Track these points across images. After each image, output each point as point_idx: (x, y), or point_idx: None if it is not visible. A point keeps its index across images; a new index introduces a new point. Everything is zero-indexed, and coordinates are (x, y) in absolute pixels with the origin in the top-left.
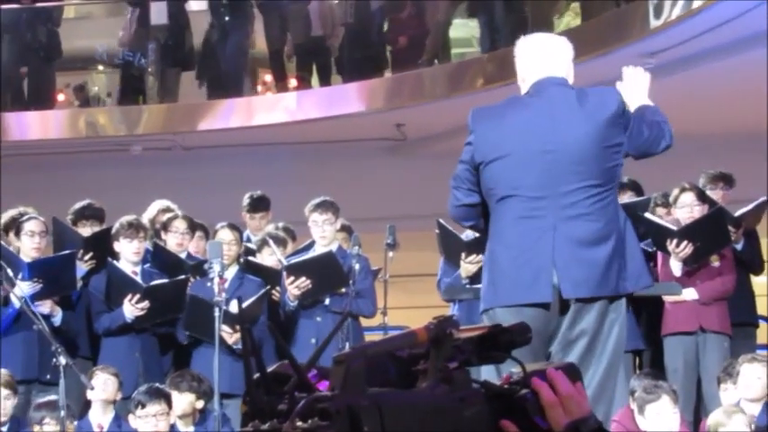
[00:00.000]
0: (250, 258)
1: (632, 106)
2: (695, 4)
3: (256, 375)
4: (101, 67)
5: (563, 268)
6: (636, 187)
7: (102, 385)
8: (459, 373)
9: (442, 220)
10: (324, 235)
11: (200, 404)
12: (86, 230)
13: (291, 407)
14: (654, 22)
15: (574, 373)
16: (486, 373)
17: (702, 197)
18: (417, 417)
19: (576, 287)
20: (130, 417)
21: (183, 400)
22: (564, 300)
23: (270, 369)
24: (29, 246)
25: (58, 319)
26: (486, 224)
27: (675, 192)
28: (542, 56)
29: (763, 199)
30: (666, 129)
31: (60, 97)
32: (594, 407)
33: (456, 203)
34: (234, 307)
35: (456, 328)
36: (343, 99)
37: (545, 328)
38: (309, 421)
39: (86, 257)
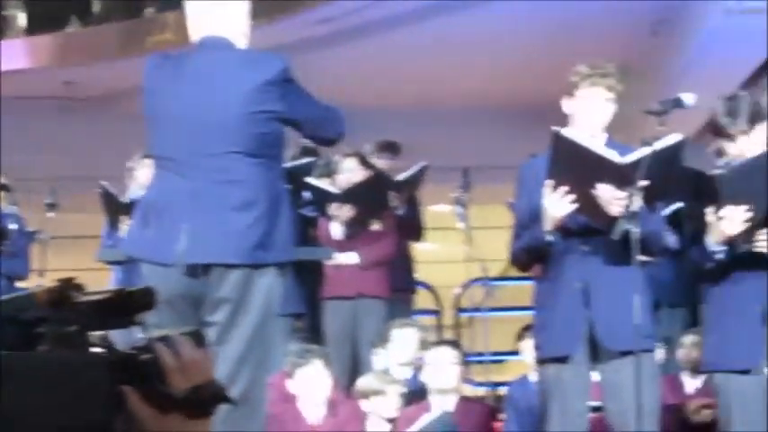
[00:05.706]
0: None
1: None
2: None
3: None
4: None
5: (195, 232)
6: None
7: None
8: (79, 337)
9: (105, 183)
10: None
11: None
12: None
13: None
14: None
15: (198, 338)
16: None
17: (365, 163)
18: (35, 381)
19: (203, 252)
20: None
21: None
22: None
23: None
24: None
25: None
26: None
27: (337, 157)
28: (207, 14)
29: (422, 164)
30: (341, 115)
31: None
32: (239, 370)
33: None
34: None
35: (79, 290)
36: (11, 54)
37: (188, 292)
38: None
39: None
